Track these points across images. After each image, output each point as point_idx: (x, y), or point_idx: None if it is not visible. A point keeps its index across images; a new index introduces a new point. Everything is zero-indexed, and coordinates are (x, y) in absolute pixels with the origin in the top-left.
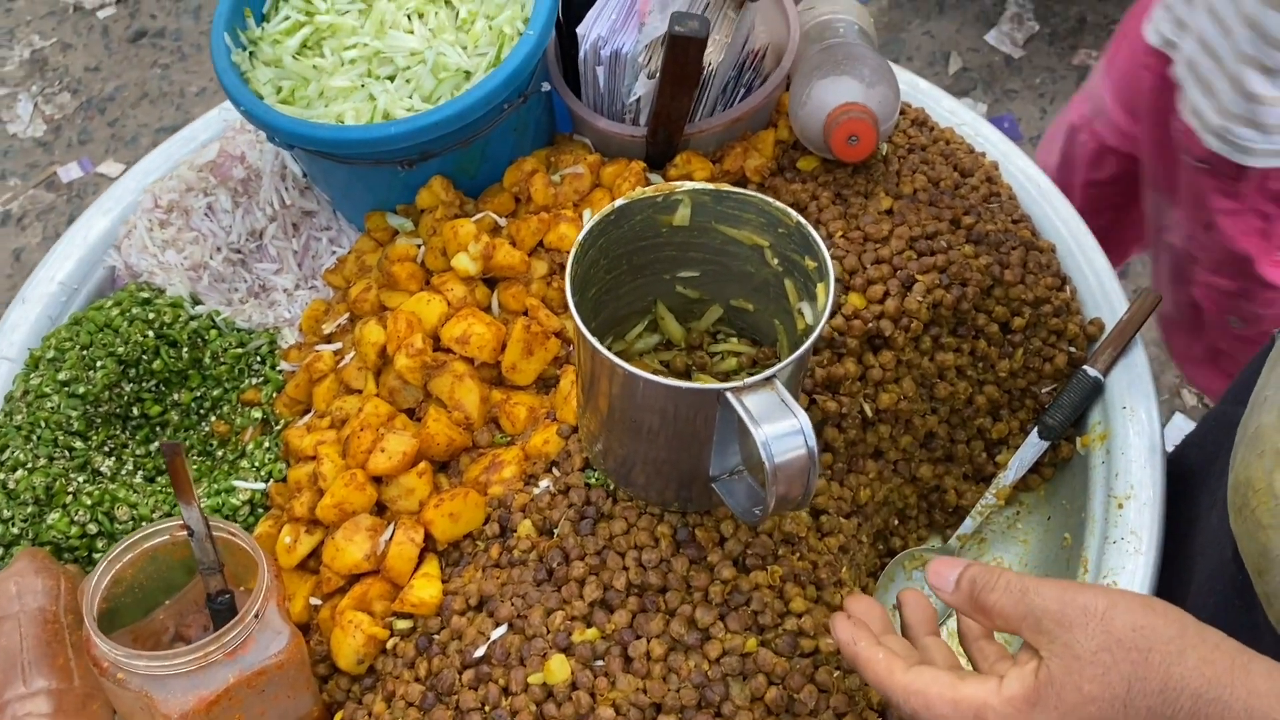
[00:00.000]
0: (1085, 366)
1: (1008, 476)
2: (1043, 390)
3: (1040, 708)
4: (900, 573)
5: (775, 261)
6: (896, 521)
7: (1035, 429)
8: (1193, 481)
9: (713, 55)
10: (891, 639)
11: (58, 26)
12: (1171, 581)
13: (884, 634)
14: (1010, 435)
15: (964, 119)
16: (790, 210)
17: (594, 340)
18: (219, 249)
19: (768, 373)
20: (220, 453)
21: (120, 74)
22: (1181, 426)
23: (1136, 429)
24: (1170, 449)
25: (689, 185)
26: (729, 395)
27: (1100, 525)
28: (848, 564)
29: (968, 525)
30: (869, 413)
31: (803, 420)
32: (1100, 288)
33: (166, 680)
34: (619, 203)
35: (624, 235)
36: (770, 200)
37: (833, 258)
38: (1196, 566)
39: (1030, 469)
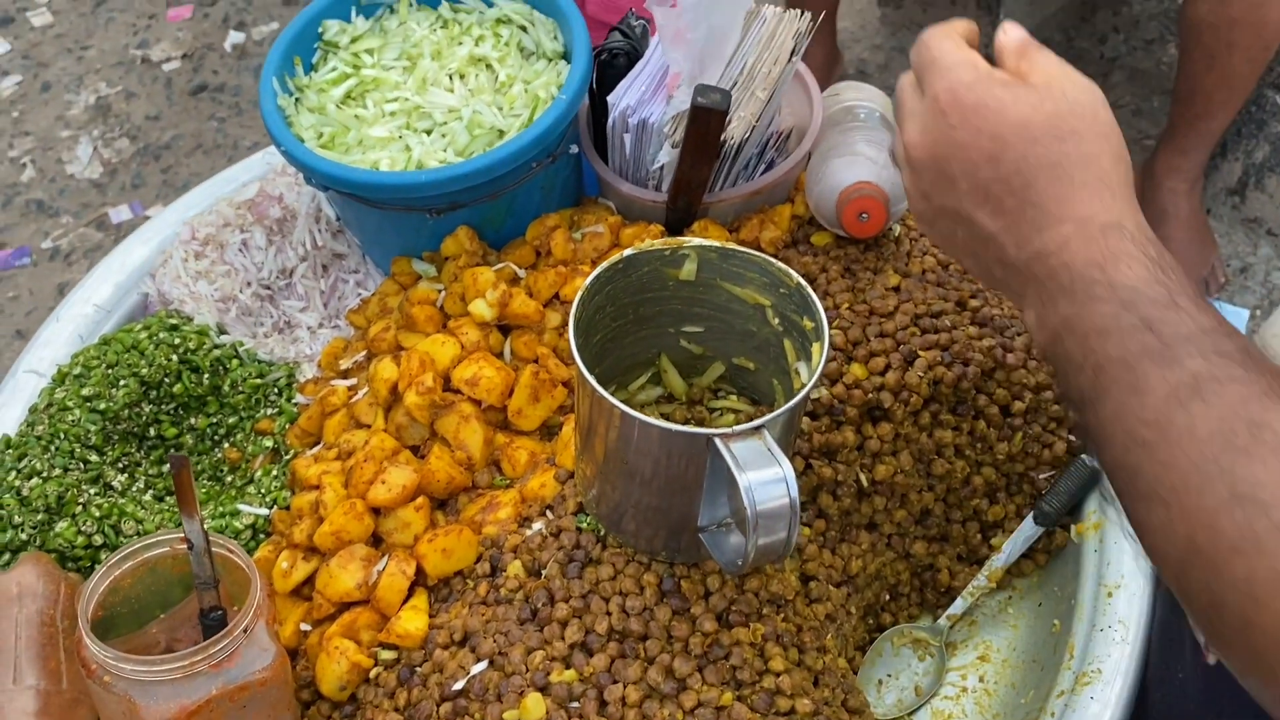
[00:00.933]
0: (1084, 455)
1: (1000, 559)
2: (1040, 476)
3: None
4: (889, 648)
5: (776, 321)
6: (888, 597)
7: (1031, 514)
8: None
9: (736, 131)
10: None
11: (124, 76)
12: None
13: None
14: (1006, 519)
15: None
16: (791, 271)
17: (591, 379)
18: (249, 284)
19: (757, 422)
20: (230, 478)
21: (178, 124)
22: None
23: None
24: None
25: (696, 241)
26: (717, 441)
27: (1089, 612)
28: (834, 633)
29: (958, 605)
30: (865, 483)
31: (786, 469)
32: None
33: (151, 686)
34: (628, 252)
35: (631, 285)
36: (773, 260)
37: (837, 328)
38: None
39: (1024, 554)
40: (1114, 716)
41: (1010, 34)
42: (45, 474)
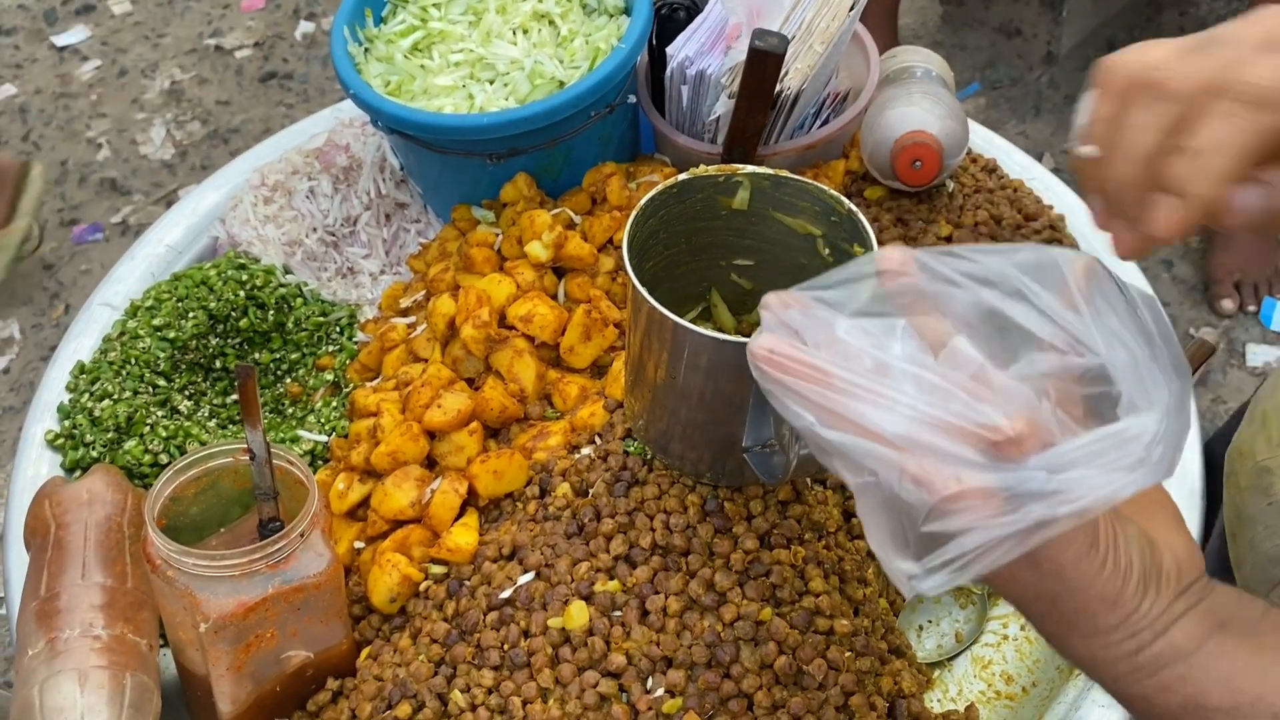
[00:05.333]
0: None
1: None
2: None
3: None
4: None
5: (826, 252)
6: None
7: None
8: (1214, 473)
9: (792, 81)
10: None
11: (198, 63)
12: None
13: None
14: None
15: (1035, 174)
16: (843, 198)
17: (644, 290)
18: (315, 229)
19: None
20: (291, 410)
21: (248, 109)
22: None
23: (1179, 470)
24: None
25: (749, 169)
26: None
27: None
28: (875, 569)
29: None
30: None
31: None
32: None
33: (211, 582)
34: (682, 177)
35: (684, 212)
36: (824, 188)
37: None
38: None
39: None
40: None
41: None
42: (116, 396)
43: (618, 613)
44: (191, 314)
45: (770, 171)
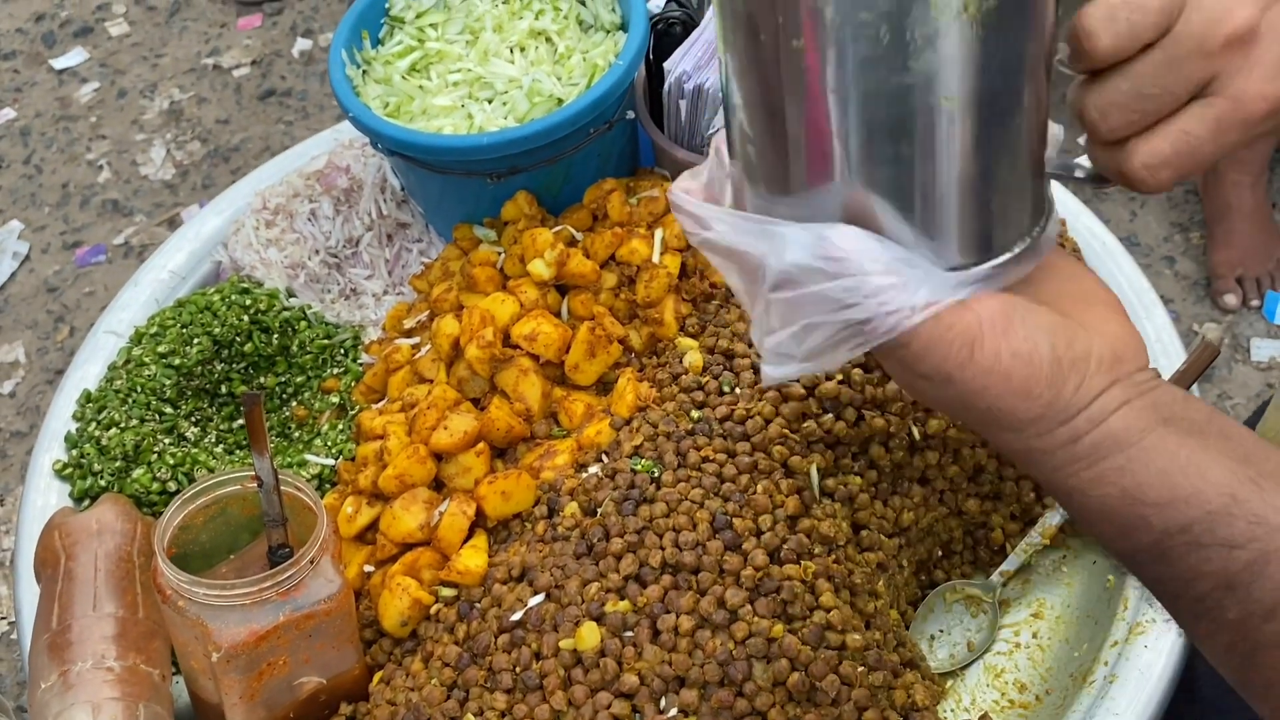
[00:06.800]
0: None
1: (1054, 516)
2: None
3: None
4: (941, 604)
5: None
6: (940, 554)
7: None
8: None
9: None
10: None
11: (196, 82)
12: None
13: None
14: None
15: None
16: None
17: None
18: (317, 251)
19: None
20: (297, 434)
21: (247, 127)
22: None
23: None
24: None
25: None
26: None
27: None
28: (885, 581)
29: (1012, 561)
30: (917, 436)
31: None
32: (1159, 341)
33: (222, 611)
34: None
35: None
36: None
37: None
38: None
39: None
40: (1167, 666)
41: None
42: (123, 424)
43: (629, 633)
44: (196, 340)
45: None
